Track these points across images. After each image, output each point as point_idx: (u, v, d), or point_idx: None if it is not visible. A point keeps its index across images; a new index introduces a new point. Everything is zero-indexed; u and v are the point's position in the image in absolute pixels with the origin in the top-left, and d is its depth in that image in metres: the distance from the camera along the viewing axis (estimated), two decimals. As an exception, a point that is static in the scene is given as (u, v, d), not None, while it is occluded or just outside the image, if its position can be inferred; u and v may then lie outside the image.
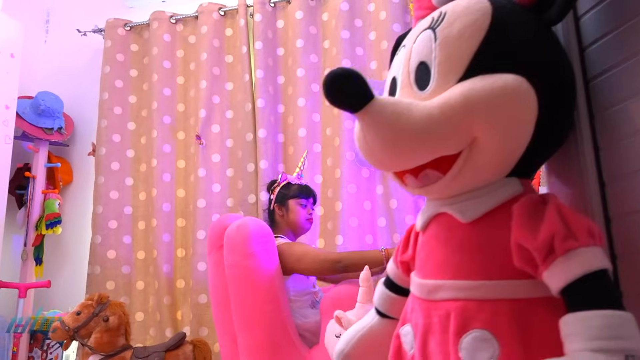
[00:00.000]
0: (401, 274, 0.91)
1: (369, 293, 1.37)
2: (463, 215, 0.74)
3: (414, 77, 0.77)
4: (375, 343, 0.95)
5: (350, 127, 2.54)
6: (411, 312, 0.82)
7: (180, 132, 2.84)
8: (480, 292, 0.70)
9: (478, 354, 0.67)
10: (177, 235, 2.73)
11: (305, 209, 2.06)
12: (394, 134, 0.67)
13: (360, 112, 0.67)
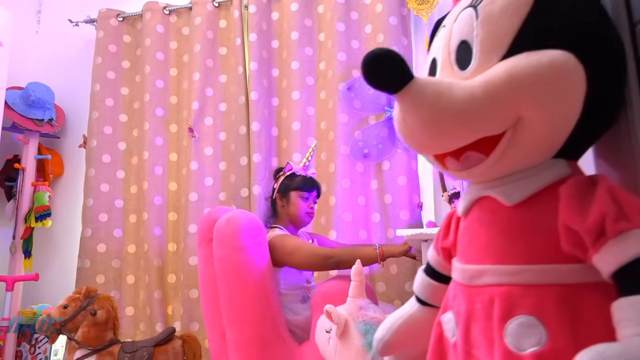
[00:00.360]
0: (442, 260, 0.89)
1: (360, 287, 1.34)
2: (507, 198, 0.72)
3: (454, 57, 0.75)
4: (415, 331, 0.93)
5: (345, 120, 2.52)
6: (453, 298, 0.80)
7: (173, 125, 2.81)
8: (525, 276, 0.67)
9: (524, 340, 0.65)
10: (168, 229, 2.70)
11: (306, 202, 2.03)
12: (435, 114, 0.65)
13: (400, 93, 0.65)
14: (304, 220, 2.04)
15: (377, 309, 1.35)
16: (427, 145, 0.72)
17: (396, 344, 0.95)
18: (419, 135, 0.69)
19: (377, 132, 2.48)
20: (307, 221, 2.06)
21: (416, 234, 1.23)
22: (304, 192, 2.02)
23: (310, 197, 2.05)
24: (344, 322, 1.30)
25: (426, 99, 0.65)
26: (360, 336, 1.28)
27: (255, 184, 2.53)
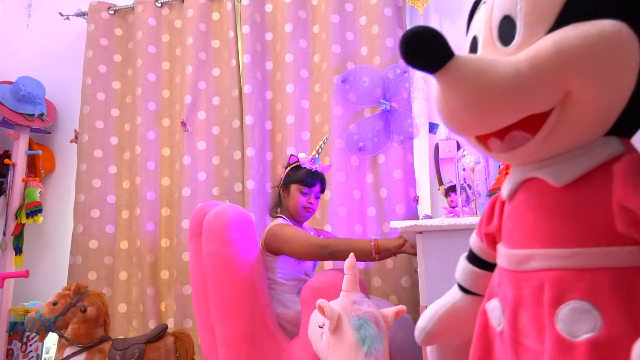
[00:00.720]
0: (486, 247, 0.86)
1: (354, 281, 1.31)
2: (556, 178, 0.68)
3: (497, 33, 0.71)
4: (459, 320, 0.90)
5: (340, 113, 2.48)
6: (499, 285, 0.77)
7: (165, 119, 2.76)
8: (577, 260, 0.65)
9: (578, 326, 0.62)
10: (161, 225, 2.66)
11: (305, 196, 1.99)
12: (478, 92, 0.62)
13: (440, 72, 0.62)
14: (301, 214, 2.01)
15: (370, 303, 1.31)
16: (469, 126, 0.69)
17: (439, 333, 0.92)
18: (461, 115, 0.66)
19: (372, 125, 2.45)
20: (305, 216, 2.03)
21: (410, 226, 1.19)
22: (304, 187, 1.98)
23: (311, 192, 2.01)
24: (337, 316, 1.27)
25: (468, 76, 0.62)
26: (353, 331, 1.25)
27: (249, 178, 2.49)
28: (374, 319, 1.26)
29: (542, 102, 0.63)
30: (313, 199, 2.01)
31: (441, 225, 1.17)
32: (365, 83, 2.46)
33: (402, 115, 2.43)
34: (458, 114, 0.66)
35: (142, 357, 1.97)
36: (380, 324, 1.27)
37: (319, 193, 2.05)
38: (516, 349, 0.70)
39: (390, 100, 2.44)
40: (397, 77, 2.43)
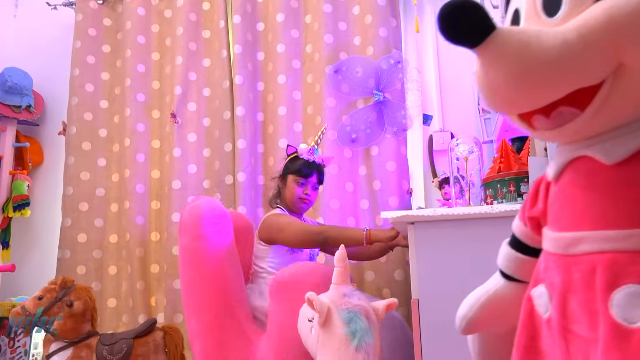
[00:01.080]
0: (530, 231, 0.81)
1: (344, 274, 1.27)
2: (608, 156, 0.64)
3: (541, 4, 0.67)
4: (501, 308, 0.86)
5: (333, 104, 2.44)
6: (545, 271, 0.73)
7: (155, 111, 2.71)
8: (631, 242, 0.61)
9: (635, 312, 0.58)
10: (151, 218, 2.61)
11: (301, 187, 1.97)
12: (522, 65, 0.58)
13: (481, 47, 0.58)
14: (297, 205, 1.99)
15: (361, 296, 1.28)
16: (512, 102, 0.65)
17: (481, 321, 0.88)
18: (504, 91, 0.62)
19: (365, 116, 2.41)
20: (302, 207, 2.00)
21: (401, 216, 1.16)
22: (300, 178, 1.96)
23: (308, 183, 1.98)
24: (327, 310, 1.23)
25: (511, 49, 0.58)
26: (343, 325, 1.21)
27: (240, 170, 2.45)
28: (364, 312, 1.22)
29: (592, 74, 0.59)
30: (310, 190, 1.98)
31: (433, 215, 1.13)
32: (358, 74, 2.42)
33: (395, 107, 2.39)
34: (500, 90, 0.62)
35: (130, 352, 1.93)
36: (370, 317, 1.23)
37: (317, 184, 2.02)
38: (565, 337, 0.66)
39: (384, 91, 2.40)
40: (390, 68, 2.39)
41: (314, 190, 2.01)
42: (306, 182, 1.98)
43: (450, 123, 2.49)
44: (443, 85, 2.53)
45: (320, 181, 2.03)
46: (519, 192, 1.14)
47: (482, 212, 1.10)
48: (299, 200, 1.97)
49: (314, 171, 1.99)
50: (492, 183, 1.17)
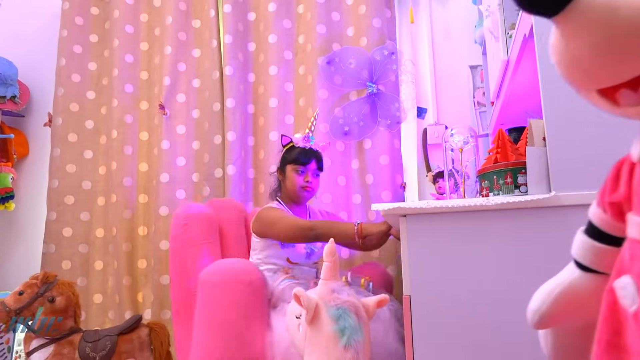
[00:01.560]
0: (610, 218, 0.75)
1: (334, 269, 1.22)
2: None
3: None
4: (578, 300, 0.79)
5: (325, 96, 2.38)
6: (631, 260, 0.66)
7: (143, 102, 2.65)
8: None
9: None
10: (138, 212, 2.55)
11: (301, 175, 1.93)
12: (609, 34, 0.52)
13: (561, 15, 0.53)
14: (300, 195, 1.95)
15: (351, 292, 1.23)
16: (596, 76, 0.59)
17: (555, 315, 0.81)
18: (587, 64, 0.56)
19: (358, 108, 2.35)
20: (303, 196, 1.96)
21: (393, 209, 1.10)
22: (299, 166, 1.93)
23: (307, 170, 1.94)
24: (315, 306, 1.18)
25: (596, 15, 0.52)
26: (331, 322, 1.16)
27: (229, 163, 2.39)
28: (353, 309, 1.17)
29: None
30: (311, 177, 1.94)
31: (426, 208, 1.08)
32: (351, 65, 2.37)
33: (389, 99, 2.34)
34: (583, 62, 0.56)
35: (114, 349, 1.87)
36: (360, 314, 1.18)
37: (317, 171, 1.97)
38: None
39: (377, 83, 2.35)
40: (384, 59, 2.34)
41: (315, 177, 1.97)
42: (306, 170, 1.94)
43: (445, 116, 2.44)
44: (438, 78, 2.48)
45: (320, 167, 1.98)
46: (516, 184, 1.09)
47: (478, 204, 1.05)
48: (301, 189, 1.93)
49: (312, 158, 1.95)
50: (488, 174, 1.12)
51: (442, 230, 1.10)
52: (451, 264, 1.08)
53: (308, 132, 2.00)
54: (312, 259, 1.92)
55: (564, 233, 1.04)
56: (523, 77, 1.44)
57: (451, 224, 1.09)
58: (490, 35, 1.66)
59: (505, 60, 1.52)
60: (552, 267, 1.05)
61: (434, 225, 1.10)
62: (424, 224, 1.10)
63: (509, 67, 1.52)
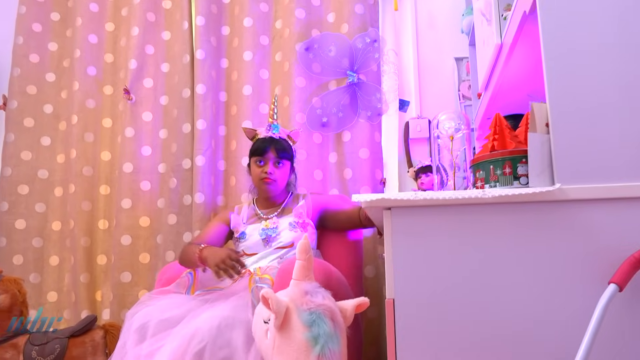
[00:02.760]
0: None
1: (307, 267, 1.08)
2: None
3: None
4: None
5: (303, 85, 2.24)
6: None
7: (107, 87, 2.47)
8: None
9: None
10: (99, 204, 2.39)
11: (260, 167, 1.80)
12: None
13: None
14: (262, 188, 1.82)
15: (327, 294, 1.09)
16: None
17: None
18: None
19: (337, 99, 2.22)
20: (267, 189, 1.81)
21: (377, 200, 0.96)
22: (257, 157, 1.81)
23: (266, 160, 1.80)
24: (285, 310, 1.03)
25: None
26: (304, 328, 1.02)
27: (199, 154, 2.23)
28: (329, 314, 1.03)
29: None
30: (271, 168, 1.80)
31: (414, 200, 0.95)
32: (331, 52, 2.23)
33: (370, 89, 2.21)
34: None
35: (63, 353, 1.71)
36: (337, 319, 1.04)
37: (278, 159, 1.81)
38: None
39: (358, 72, 2.22)
40: (366, 47, 2.21)
41: (277, 167, 1.81)
42: (265, 160, 1.80)
43: (428, 110, 2.32)
44: (421, 69, 2.36)
45: (280, 156, 1.81)
46: (515, 175, 0.96)
47: (473, 197, 0.92)
48: (260, 182, 1.80)
49: (269, 146, 1.80)
50: (483, 164, 0.99)
51: (432, 225, 0.96)
52: (441, 263, 0.95)
53: (271, 122, 1.87)
54: (271, 244, 1.74)
55: (570, 231, 0.93)
56: (518, 62, 1.32)
57: (442, 219, 0.96)
58: (482, 18, 1.54)
59: (498, 44, 1.40)
60: (554, 269, 0.94)
61: (422, 220, 0.96)
62: (411, 219, 0.97)
63: (502, 52, 1.41)
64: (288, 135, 1.90)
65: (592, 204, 0.90)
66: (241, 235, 1.78)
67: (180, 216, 2.25)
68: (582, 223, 0.92)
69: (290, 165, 1.87)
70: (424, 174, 1.97)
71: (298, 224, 1.75)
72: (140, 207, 2.31)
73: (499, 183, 0.97)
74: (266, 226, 1.76)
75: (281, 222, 1.76)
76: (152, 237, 2.29)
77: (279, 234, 1.74)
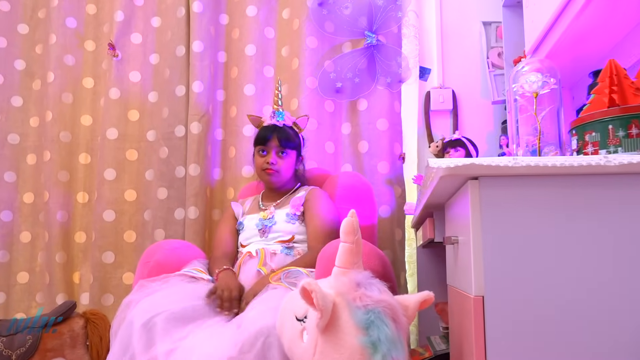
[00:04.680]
0: None
1: (357, 252, 0.84)
2: None
3: None
4: None
5: (314, 45, 1.99)
6: None
7: (89, 42, 2.19)
8: None
9: None
10: (77, 175, 2.14)
11: (263, 157, 1.63)
12: None
13: None
14: (263, 179, 1.67)
15: (383, 287, 0.85)
16: None
17: None
18: None
19: (353, 62, 1.99)
20: (269, 181, 1.63)
21: (462, 166, 0.73)
22: (259, 147, 1.65)
23: (268, 149, 1.62)
24: (332, 307, 0.80)
25: None
26: (358, 331, 0.79)
27: (194, 120, 1.98)
28: (390, 313, 0.80)
29: None
30: (273, 157, 1.61)
31: (514, 167, 0.72)
32: (347, 10, 1.99)
33: (390, 53, 1.98)
34: None
35: (36, 346, 1.46)
36: (399, 320, 0.81)
37: (281, 148, 1.62)
38: None
39: (377, 33, 1.98)
40: (387, 5, 1.98)
41: (281, 157, 1.62)
42: (267, 149, 1.62)
43: (452, 79, 2.10)
44: (445, 34, 2.13)
45: (284, 145, 1.62)
46: (645, 137, 0.74)
47: (594, 164, 0.70)
48: (262, 172, 1.64)
49: (272, 133, 1.62)
50: (596, 124, 0.77)
51: (534, 201, 0.74)
52: (545, 250, 0.73)
53: (275, 108, 1.68)
54: (267, 235, 1.55)
55: None
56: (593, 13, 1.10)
57: (548, 193, 0.74)
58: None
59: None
60: None
61: (521, 193, 0.74)
62: (507, 192, 0.74)
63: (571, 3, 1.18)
64: (294, 122, 1.70)
65: None
66: (239, 225, 1.66)
67: (171, 190, 2.00)
68: None
69: (296, 155, 1.68)
70: (453, 149, 1.75)
71: (295, 215, 1.57)
72: (126, 178, 2.08)
73: (621, 148, 0.75)
74: (263, 217, 1.59)
75: (278, 212, 1.59)
76: (138, 213, 2.06)
77: (274, 223, 1.56)
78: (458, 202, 0.88)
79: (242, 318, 1.12)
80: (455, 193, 0.92)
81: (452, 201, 0.97)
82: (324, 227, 1.51)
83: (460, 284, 0.87)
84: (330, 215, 1.56)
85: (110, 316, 1.85)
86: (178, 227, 1.98)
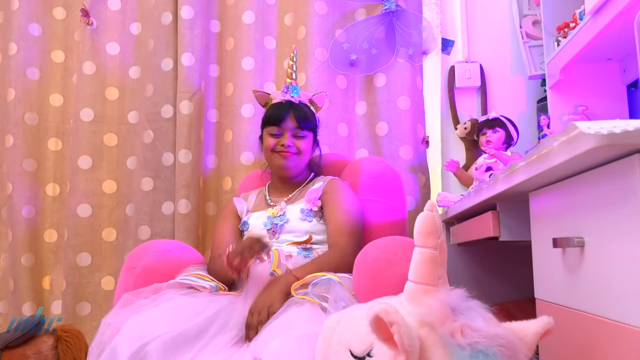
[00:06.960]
0: None
1: (441, 262, 0.58)
2: None
3: None
4: None
5: (324, 11, 1.73)
6: None
7: (59, 9, 1.95)
8: None
9: None
10: (46, 163, 1.92)
11: (275, 138, 1.41)
12: None
13: None
14: (275, 164, 1.43)
15: (485, 313, 0.59)
16: None
17: None
18: None
19: (369, 31, 1.75)
20: (284, 165, 1.40)
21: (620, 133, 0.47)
22: (272, 127, 1.42)
23: (283, 129, 1.40)
24: (418, 344, 0.54)
25: None
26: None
27: (184, 99, 1.73)
28: (508, 353, 0.54)
29: None
30: (289, 139, 1.38)
31: None
32: (360, -31, 1.72)
33: (411, 20, 1.74)
34: None
35: (-8, 373, 1.17)
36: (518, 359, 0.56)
37: (298, 129, 1.40)
38: None
39: (397, -3, 1.73)
40: (407, -35, 1.71)
41: (297, 138, 1.40)
42: (282, 130, 1.40)
43: (478, 52, 1.86)
44: (470, 2, 1.89)
45: (302, 125, 1.39)
46: None
47: None
48: (275, 156, 1.41)
49: (287, 113, 1.39)
50: None
51: None
52: None
53: (289, 82, 1.46)
54: (278, 236, 1.32)
55: None
56: None
57: None
58: None
59: None
60: None
61: None
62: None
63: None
64: (310, 99, 1.48)
65: None
66: (243, 225, 1.42)
67: (158, 180, 1.76)
68: None
69: (313, 137, 1.45)
70: (491, 129, 1.50)
71: (312, 211, 1.33)
72: (104, 167, 1.85)
73: None
74: (272, 214, 1.35)
75: (290, 208, 1.35)
76: (119, 207, 1.83)
77: (287, 221, 1.33)
78: (586, 188, 0.63)
79: (259, 348, 0.85)
80: (570, 177, 0.66)
81: (559, 188, 0.71)
82: (349, 222, 1.26)
83: (593, 307, 0.61)
84: (354, 208, 1.30)
85: (86, 328, 1.67)
86: (166, 224, 1.72)
